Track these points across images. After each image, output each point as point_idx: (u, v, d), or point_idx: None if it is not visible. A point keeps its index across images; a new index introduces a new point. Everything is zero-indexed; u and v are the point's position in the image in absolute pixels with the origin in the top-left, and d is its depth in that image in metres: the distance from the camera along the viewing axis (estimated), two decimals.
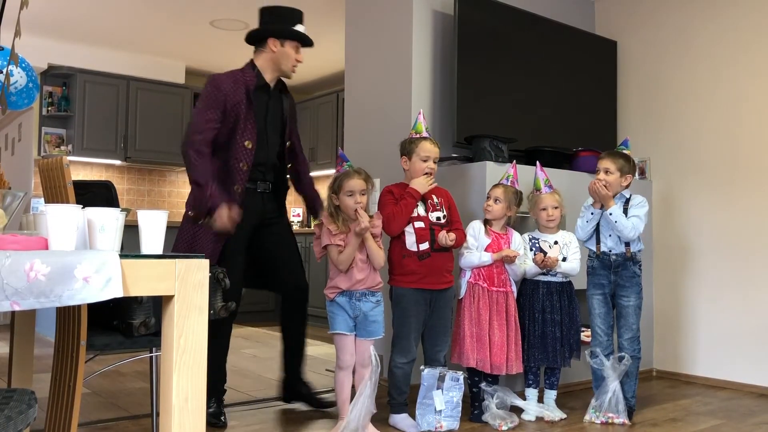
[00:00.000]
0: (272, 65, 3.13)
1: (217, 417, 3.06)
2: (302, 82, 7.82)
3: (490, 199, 3.25)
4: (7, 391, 1.52)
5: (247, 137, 3.03)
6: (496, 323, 3.15)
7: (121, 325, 2.46)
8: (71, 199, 2.17)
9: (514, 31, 4.19)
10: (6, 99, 2.67)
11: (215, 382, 3.09)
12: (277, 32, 3.07)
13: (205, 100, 3.01)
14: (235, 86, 3.03)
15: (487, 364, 3.11)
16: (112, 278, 1.37)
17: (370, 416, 2.83)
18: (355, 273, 2.88)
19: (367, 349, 2.88)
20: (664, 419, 3.29)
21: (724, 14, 4.25)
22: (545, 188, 3.37)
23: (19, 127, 7.08)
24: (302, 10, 3.20)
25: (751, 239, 4.04)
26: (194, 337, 1.51)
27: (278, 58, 3.10)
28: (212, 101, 2.99)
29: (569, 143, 4.24)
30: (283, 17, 3.11)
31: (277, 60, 3.11)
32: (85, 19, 5.86)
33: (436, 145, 3.11)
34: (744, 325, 4.04)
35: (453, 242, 3.02)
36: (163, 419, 1.53)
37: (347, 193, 2.87)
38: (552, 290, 3.30)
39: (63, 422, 2.22)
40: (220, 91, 3.00)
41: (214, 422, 3.03)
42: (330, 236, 2.87)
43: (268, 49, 3.10)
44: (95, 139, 6.54)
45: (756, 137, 4.06)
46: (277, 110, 3.21)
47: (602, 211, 3.25)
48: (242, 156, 3.03)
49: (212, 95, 3.00)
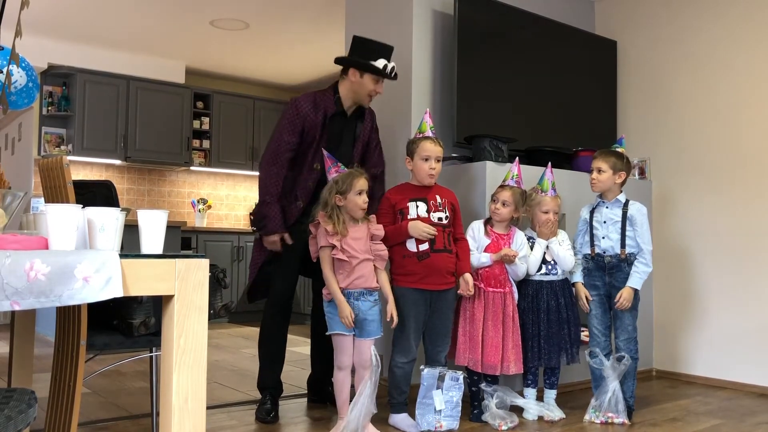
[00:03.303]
0: (351, 94, 3.27)
1: (268, 413, 3.16)
2: (302, 82, 7.83)
3: (497, 202, 3.23)
4: (7, 391, 1.52)
5: (318, 160, 3.19)
6: (491, 323, 3.14)
7: (121, 325, 2.46)
8: (71, 198, 2.17)
9: (514, 31, 4.19)
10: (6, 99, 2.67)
11: (266, 378, 3.24)
12: (358, 64, 3.21)
13: (285, 122, 3.21)
14: (315, 109, 3.20)
15: (478, 364, 3.11)
16: (112, 278, 1.37)
17: (370, 416, 2.83)
18: (356, 270, 2.88)
19: (367, 350, 2.88)
20: (664, 419, 3.30)
21: (724, 14, 4.25)
22: (551, 191, 3.37)
23: (19, 126, 7.08)
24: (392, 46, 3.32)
25: (751, 239, 4.04)
26: (194, 337, 1.51)
27: (356, 88, 3.24)
28: (291, 125, 3.19)
29: (569, 143, 4.24)
30: (368, 50, 3.23)
31: (354, 89, 3.25)
32: (85, 19, 5.86)
33: (437, 143, 3.10)
34: (744, 326, 4.04)
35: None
36: (163, 419, 1.53)
37: (357, 191, 2.89)
38: (555, 289, 3.31)
39: (63, 422, 2.22)
40: (299, 114, 3.18)
41: (262, 417, 3.15)
42: (326, 237, 2.86)
43: (348, 79, 3.24)
44: (95, 138, 6.54)
45: (756, 137, 4.06)
46: (350, 137, 3.34)
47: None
48: (310, 176, 3.22)
49: (292, 119, 3.19)
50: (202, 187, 7.55)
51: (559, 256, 3.29)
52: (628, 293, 3.23)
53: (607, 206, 3.33)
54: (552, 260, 3.32)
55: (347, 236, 2.86)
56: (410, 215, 3.05)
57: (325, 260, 2.87)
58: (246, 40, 6.37)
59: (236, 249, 7.00)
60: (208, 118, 7.34)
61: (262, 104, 7.68)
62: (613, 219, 3.30)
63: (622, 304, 3.24)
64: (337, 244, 2.84)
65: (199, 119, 7.28)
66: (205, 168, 7.38)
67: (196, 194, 7.47)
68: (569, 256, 3.31)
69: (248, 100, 7.61)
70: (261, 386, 3.27)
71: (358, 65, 3.20)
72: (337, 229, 2.84)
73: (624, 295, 3.23)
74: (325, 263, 2.87)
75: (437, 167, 3.08)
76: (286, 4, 5.48)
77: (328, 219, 2.87)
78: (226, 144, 7.42)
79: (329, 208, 2.89)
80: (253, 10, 5.61)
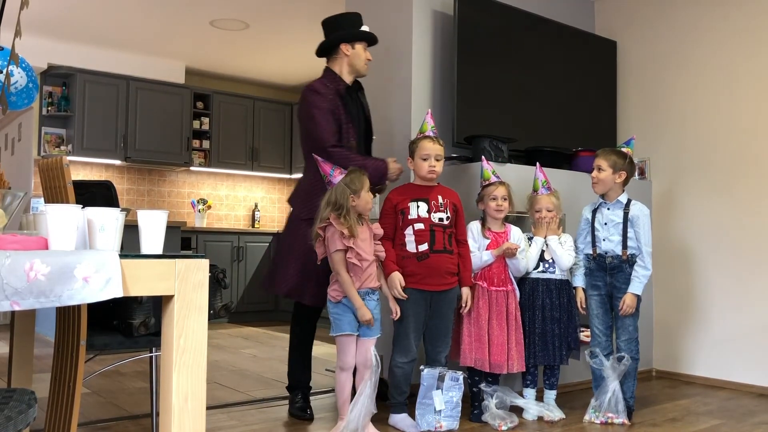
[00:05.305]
0: (348, 68, 3.31)
1: (303, 411, 3.22)
2: (302, 82, 7.81)
3: (497, 199, 3.25)
4: (7, 391, 1.52)
5: (351, 137, 3.27)
6: (495, 322, 3.16)
7: (121, 325, 2.46)
8: (71, 199, 2.17)
9: (514, 31, 4.19)
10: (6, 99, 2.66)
11: (299, 376, 3.28)
12: (346, 37, 3.29)
13: (317, 109, 3.18)
14: (330, 93, 3.23)
15: (486, 364, 3.12)
16: (112, 278, 1.37)
17: (370, 416, 2.83)
18: (366, 271, 2.88)
19: (368, 349, 2.88)
20: (664, 419, 3.30)
21: (724, 14, 4.25)
22: (542, 189, 3.38)
23: (19, 127, 7.08)
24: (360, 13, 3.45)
25: (751, 239, 4.04)
26: (194, 337, 1.51)
27: (352, 60, 3.30)
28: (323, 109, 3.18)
29: (569, 143, 4.24)
30: (347, 23, 3.35)
31: (351, 62, 3.31)
32: (85, 19, 5.86)
33: (437, 142, 3.10)
34: (744, 326, 4.04)
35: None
36: (163, 419, 1.53)
37: (367, 189, 2.90)
38: (551, 288, 3.32)
39: (63, 422, 2.22)
40: (324, 97, 3.20)
41: (300, 415, 3.20)
42: (341, 240, 2.83)
43: (342, 54, 3.30)
44: (95, 139, 6.54)
45: (756, 137, 4.06)
46: (360, 109, 3.39)
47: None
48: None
49: (319, 103, 3.19)
50: (202, 187, 7.55)
51: (556, 253, 3.30)
52: (630, 299, 3.23)
53: (609, 207, 3.33)
54: (550, 258, 3.33)
55: (357, 238, 2.86)
56: (411, 215, 3.05)
57: (340, 263, 2.85)
58: (246, 40, 6.37)
59: (236, 249, 7.00)
60: (208, 118, 7.34)
61: (262, 104, 7.68)
62: (614, 221, 3.30)
63: (626, 311, 3.24)
64: (354, 247, 2.83)
65: (199, 119, 7.28)
66: (204, 168, 7.38)
67: (196, 194, 7.47)
68: (566, 256, 3.31)
69: (248, 100, 7.61)
70: (293, 385, 3.31)
71: (351, 36, 3.28)
72: (354, 232, 2.82)
73: (627, 302, 3.23)
74: (340, 266, 2.85)
75: (437, 165, 3.08)
76: (286, 4, 5.48)
77: (344, 221, 2.84)
78: (226, 144, 7.42)
79: (344, 210, 2.85)
80: (253, 10, 5.61)
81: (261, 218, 7.92)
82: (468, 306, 3.12)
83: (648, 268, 3.24)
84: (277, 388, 3.82)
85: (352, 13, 3.42)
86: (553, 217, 3.35)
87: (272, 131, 7.75)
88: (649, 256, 3.25)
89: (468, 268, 3.13)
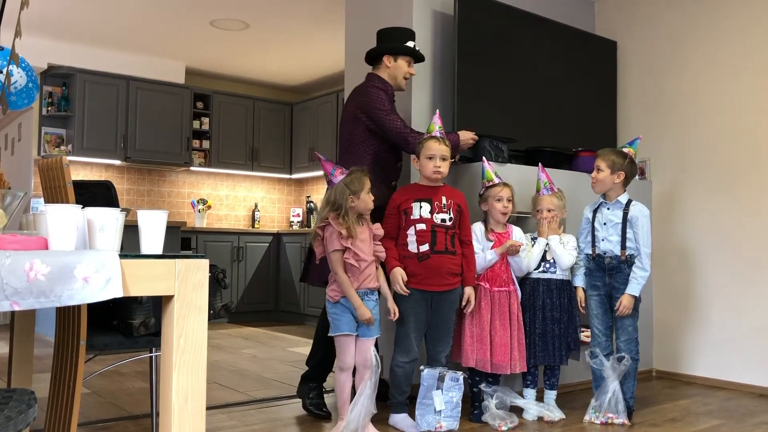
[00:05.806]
0: (390, 80, 3.44)
1: (319, 408, 3.22)
2: (302, 82, 7.83)
3: (503, 201, 3.26)
4: (6, 391, 1.52)
5: None
6: (498, 323, 3.16)
7: (121, 325, 2.46)
8: (71, 199, 2.17)
9: (514, 31, 4.19)
10: (6, 99, 2.66)
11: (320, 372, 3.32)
12: (390, 49, 3.42)
13: (385, 105, 3.32)
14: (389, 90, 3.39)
15: (487, 364, 3.12)
16: (111, 278, 1.37)
17: (370, 416, 2.83)
18: (364, 272, 2.87)
19: (368, 349, 2.88)
20: (664, 419, 3.29)
21: (725, 14, 4.25)
22: (544, 190, 3.39)
23: (19, 127, 7.08)
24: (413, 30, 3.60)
25: (751, 239, 4.04)
26: (194, 337, 1.51)
27: (393, 72, 3.43)
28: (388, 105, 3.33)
29: (569, 143, 4.24)
30: (396, 36, 3.48)
31: (392, 74, 3.43)
32: (85, 19, 5.87)
33: (442, 142, 3.10)
34: (744, 326, 4.04)
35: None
36: (163, 419, 1.53)
37: (367, 190, 2.90)
38: (552, 288, 3.32)
39: (63, 422, 2.22)
40: (386, 92, 3.36)
41: (317, 413, 3.20)
42: (340, 240, 2.83)
43: (384, 65, 3.43)
44: (95, 139, 6.54)
45: (756, 137, 4.06)
46: None
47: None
48: (399, 155, 3.47)
49: (383, 98, 3.32)
50: (202, 187, 7.55)
51: (556, 252, 3.30)
52: (627, 301, 3.23)
53: (608, 207, 3.33)
54: (551, 259, 3.33)
55: (356, 239, 2.86)
56: (413, 215, 3.05)
57: (338, 263, 2.85)
58: (246, 40, 6.37)
59: (236, 249, 7.00)
60: (207, 118, 7.34)
61: (262, 104, 7.68)
62: (613, 221, 3.30)
63: (622, 312, 3.24)
64: (351, 248, 2.84)
65: (199, 119, 7.28)
66: (204, 168, 7.38)
67: (196, 194, 7.48)
68: (567, 255, 3.31)
69: (248, 100, 7.62)
70: (310, 376, 3.32)
71: (395, 49, 3.40)
72: (352, 233, 2.82)
73: (624, 303, 3.23)
74: (338, 266, 2.85)
75: (443, 166, 3.08)
76: (286, 4, 5.48)
77: (343, 222, 2.84)
78: (225, 144, 7.42)
79: (343, 210, 2.85)
80: (253, 10, 5.61)
81: (261, 218, 7.92)
82: (470, 306, 3.12)
83: (646, 270, 3.24)
84: (277, 388, 3.83)
85: (403, 28, 3.53)
86: (554, 216, 3.36)
87: (272, 131, 7.75)
88: (647, 257, 3.24)
89: (471, 269, 3.14)
